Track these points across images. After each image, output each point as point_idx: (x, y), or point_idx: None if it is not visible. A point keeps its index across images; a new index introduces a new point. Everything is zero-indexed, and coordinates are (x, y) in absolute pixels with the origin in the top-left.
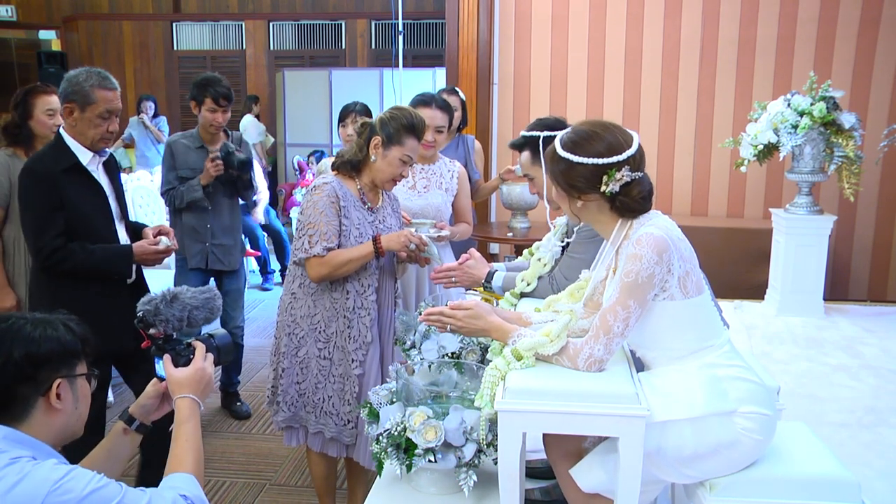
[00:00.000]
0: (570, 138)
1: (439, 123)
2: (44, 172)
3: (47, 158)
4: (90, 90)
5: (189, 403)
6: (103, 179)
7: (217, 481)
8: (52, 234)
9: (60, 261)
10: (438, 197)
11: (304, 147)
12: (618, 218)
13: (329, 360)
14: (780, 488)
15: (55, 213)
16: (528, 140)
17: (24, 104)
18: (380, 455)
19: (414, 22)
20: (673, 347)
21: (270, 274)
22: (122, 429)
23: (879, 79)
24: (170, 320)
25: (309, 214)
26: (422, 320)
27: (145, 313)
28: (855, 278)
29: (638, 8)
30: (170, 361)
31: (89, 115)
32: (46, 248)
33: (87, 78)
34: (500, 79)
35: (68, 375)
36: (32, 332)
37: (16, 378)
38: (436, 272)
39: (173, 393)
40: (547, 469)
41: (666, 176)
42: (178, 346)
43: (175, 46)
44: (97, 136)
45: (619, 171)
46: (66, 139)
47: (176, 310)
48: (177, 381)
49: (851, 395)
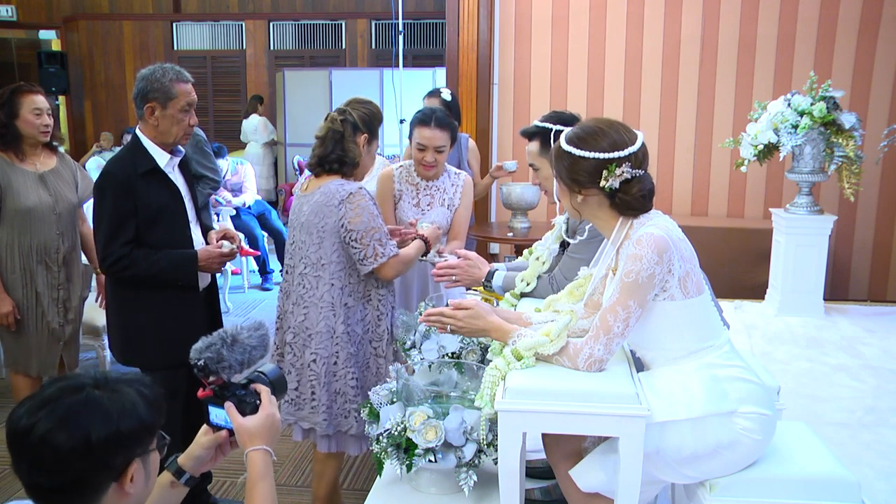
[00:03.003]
0: (575, 133)
1: (439, 144)
2: (122, 177)
3: (126, 162)
4: (170, 85)
5: (263, 456)
6: (179, 181)
7: (217, 481)
8: (120, 242)
9: (124, 268)
10: (440, 215)
11: (305, 147)
12: (618, 216)
13: (384, 357)
14: (780, 488)
15: (127, 220)
16: (539, 130)
17: (10, 104)
18: (380, 455)
19: (414, 22)
20: (673, 347)
21: (270, 274)
22: (169, 482)
23: (879, 79)
24: (232, 365)
25: (366, 221)
26: (422, 321)
27: (207, 361)
28: (855, 278)
29: (638, 8)
30: (234, 409)
31: (171, 111)
32: (112, 256)
33: (165, 73)
34: (500, 79)
35: (143, 454)
36: (109, 408)
37: (93, 465)
38: (437, 269)
39: (244, 445)
40: (547, 469)
41: (666, 176)
42: (238, 391)
43: (175, 46)
44: (180, 133)
45: (620, 168)
46: (143, 141)
47: (237, 353)
48: (248, 431)
49: (851, 395)
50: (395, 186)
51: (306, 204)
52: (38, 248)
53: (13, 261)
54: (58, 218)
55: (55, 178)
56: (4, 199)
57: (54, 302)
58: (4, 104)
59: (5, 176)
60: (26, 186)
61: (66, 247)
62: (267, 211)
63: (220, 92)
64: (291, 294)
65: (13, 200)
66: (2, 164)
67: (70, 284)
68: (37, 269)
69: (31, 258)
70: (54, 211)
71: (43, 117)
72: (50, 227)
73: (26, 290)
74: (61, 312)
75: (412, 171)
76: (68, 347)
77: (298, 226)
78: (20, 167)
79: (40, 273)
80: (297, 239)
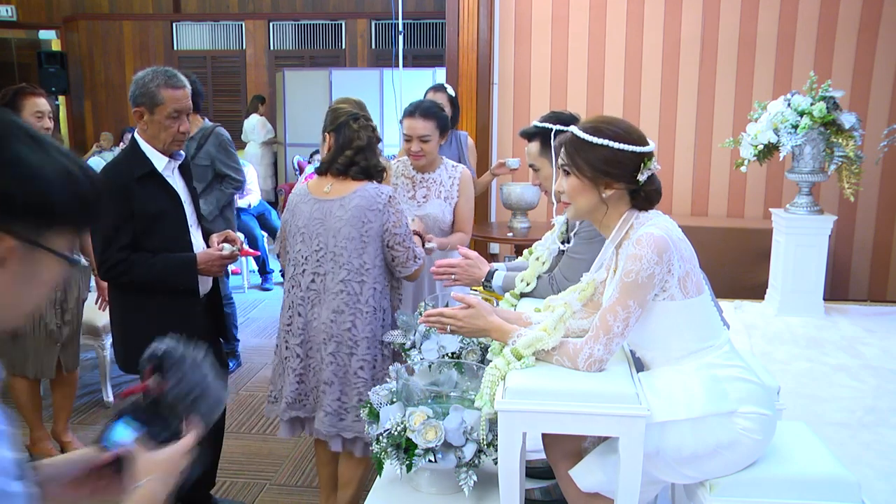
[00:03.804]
0: (602, 126)
1: (421, 133)
2: (117, 183)
3: (122, 167)
4: (157, 90)
5: (152, 493)
6: (178, 184)
7: (217, 481)
8: (116, 247)
9: (121, 273)
10: (436, 207)
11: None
12: (624, 212)
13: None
14: (780, 488)
15: (124, 225)
16: (539, 130)
17: (12, 106)
18: (380, 455)
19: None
20: (673, 347)
21: (270, 274)
22: None
23: (879, 79)
24: (182, 382)
25: (405, 224)
26: (422, 322)
27: (166, 353)
28: (855, 278)
29: (638, 7)
30: (145, 435)
31: (158, 117)
32: (109, 261)
33: (153, 78)
34: (500, 79)
35: (32, 242)
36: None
37: None
38: (437, 266)
39: (137, 475)
40: (547, 469)
41: (666, 176)
42: (169, 415)
43: (175, 46)
44: (168, 139)
45: (650, 160)
46: (140, 145)
47: (196, 375)
48: (152, 461)
49: (851, 395)
50: (391, 180)
51: (338, 209)
52: None
53: None
54: None
55: None
56: None
57: (51, 304)
58: (6, 105)
59: None
60: None
61: None
62: (266, 211)
63: (220, 92)
64: (327, 302)
65: None
66: None
67: (67, 286)
68: None
69: None
70: None
71: (44, 120)
72: None
73: None
74: (58, 314)
75: (408, 165)
76: (66, 349)
77: (331, 231)
78: None
79: None
80: (329, 245)
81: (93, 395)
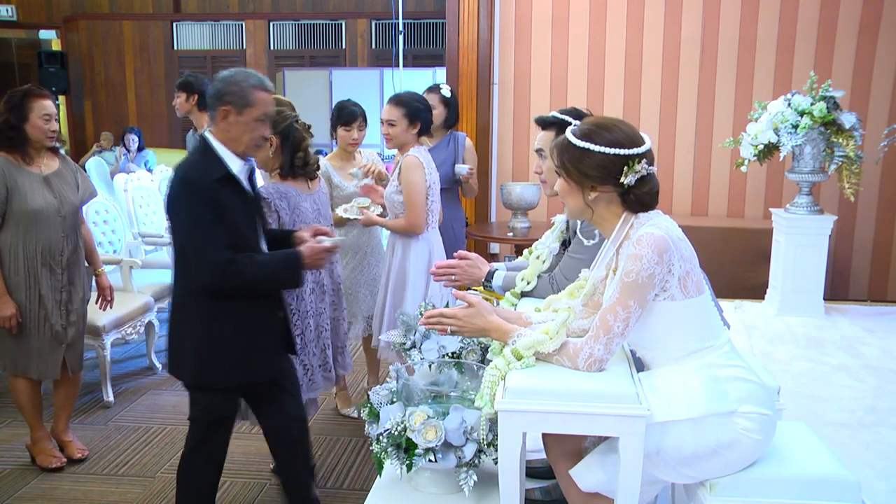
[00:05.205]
0: (588, 129)
1: (386, 117)
2: (200, 182)
3: (200, 166)
4: (249, 91)
5: None
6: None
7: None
8: (216, 247)
9: (232, 276)
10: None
11: None
12: (622, 214)
13: None
14: (780, 488)
15: (217, 224)
16: (557, 121)
17: (21, 107)
18: (380, 455)
19: (414, 22)
20: (673, 347)
21: None
22: None
23: (879, 79)
24: None
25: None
26: (422, 323)
27: None
28: (855, 278)
29: (638, 8)
30: None
31: (247, 118)
32: (213, 263)
33: (246, 78)
34: (500, 79)
35: None
36: None
37: None
38: (436, 267)
39: None
40: (547, 469)
41: (666, 176)
42: None
43: (175, 46)
44: (251, 142)
45: (639, 163)
46: (214, 146)
47: None
48: None
49: (851, 395)
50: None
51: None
52: (43, 250)
53: (17, 263)
54: (63, 220)
55: (59, 181)
56: (11, 201)
57: (57, 304)
58: (15, 107)
59: (12, 178)
60: (32, 189)
61: (69, 249)
62: None
63: None
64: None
65: (20, 202)
66: (9, 166)
67: (72, 287)
68: (41, 271)
69: (36, 260)
70: (59, 213)
71: (52, 123)
72: (55, 230)
73: (30, 293)
74: (64, 315)
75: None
76: (71, 350)
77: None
78: (26, 169)
79: (44, 276)
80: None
81: (93, 394)
